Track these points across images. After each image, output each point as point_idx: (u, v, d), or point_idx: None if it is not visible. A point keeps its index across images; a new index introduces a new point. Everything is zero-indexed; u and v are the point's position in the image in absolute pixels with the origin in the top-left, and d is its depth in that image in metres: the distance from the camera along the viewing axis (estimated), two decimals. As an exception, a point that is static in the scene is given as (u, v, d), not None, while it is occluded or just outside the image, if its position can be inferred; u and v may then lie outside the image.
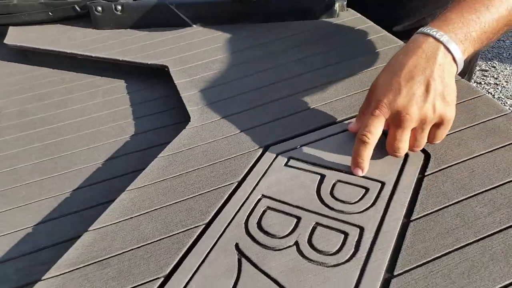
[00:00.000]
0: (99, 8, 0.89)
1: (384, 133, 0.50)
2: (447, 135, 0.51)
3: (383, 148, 0.51)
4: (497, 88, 2.38)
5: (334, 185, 0.48)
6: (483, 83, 2.44)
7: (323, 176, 0.50)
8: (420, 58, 0.48)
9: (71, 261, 0.44)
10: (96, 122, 0.72)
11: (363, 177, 0.49)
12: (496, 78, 2.55)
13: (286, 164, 0.52)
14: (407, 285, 0.37)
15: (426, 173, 0.48)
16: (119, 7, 0.88)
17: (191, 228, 0.45)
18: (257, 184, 0.50)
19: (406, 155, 0.51)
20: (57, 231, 0.54)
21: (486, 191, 0.45)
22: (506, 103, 2.23)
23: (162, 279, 0.41)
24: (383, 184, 0.48)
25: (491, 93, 2.33)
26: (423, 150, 0.51)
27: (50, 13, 0.95)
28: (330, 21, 0.83)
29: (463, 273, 0.38)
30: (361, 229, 0.43)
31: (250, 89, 0.68)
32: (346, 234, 0.43)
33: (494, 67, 2.61)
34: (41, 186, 0.60)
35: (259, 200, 0.48)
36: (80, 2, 0.93)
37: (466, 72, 0.92)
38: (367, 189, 0.47)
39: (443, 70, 0.48)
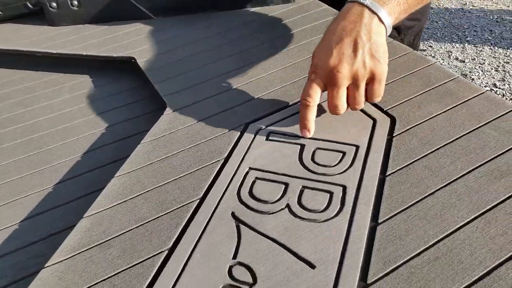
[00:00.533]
0: (54, 4, 0.88)
1: None
2: (408, 100, 0.57)
3: (354, 116, 0.56)
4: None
5: (314, 152, 0.52)
6: (422, 60, 2.57)
7: (302, 146, 0.54)
8: (347, 21, 0.53)
9: (72, 247, 0.45)
10: (66, 118, 0.72)
11: (339, 142, 0.53)
12: (433, 57, 2.71)
13: (267, 139, 0.56)
14: (390, 229, 0.42)
15: (394, 134, 0.53)
16: (75, 2, 0.87)
17: (186, 204, 0.48)
18: (243, 159, 0.53)
19: (374, 121, 0.56)
20: (45, 224, 0.54)
21: (447, 144, 0.51)
22: (444, 77, 2.37)
23: (167, 252, 0.43)
24: (357, 147, 0.52)
25: (430, 70, 2.47)
26: (389, 115, 0.56)
27: (0, 12, 0.92)
28: (288, 6, 0.87)
29: (436, 213, 0.43)
30: (344, 188, 0.47)
31: (219, 74, 0.70)
32: (331, 193, 0.47)
33: (431, 46, 2.78)
34: (21, 183, 0.60)
35: (247, 172, 0.51)
36: (32, -1, 0.91)
37: (412, 46, 0.99)
38: (344, 153, 0.52)
39: (369, 30, 0.52)
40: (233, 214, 0.46)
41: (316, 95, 0.53)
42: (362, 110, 0.57)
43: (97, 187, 0.58)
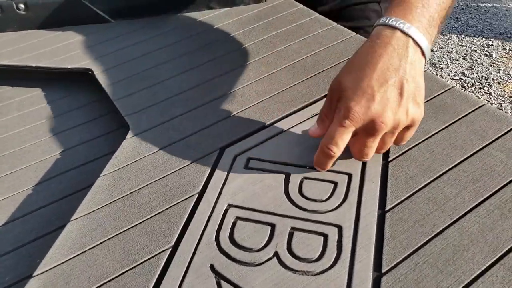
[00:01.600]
0: (-3, 8, 0.78)
1: None
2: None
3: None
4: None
5: (301, 183, 0.46)
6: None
7: (287, 175, 0.47)
8: (391, 57, 0.43)
9: (21, 316, 0.37)
10: (15, 140, 0.63)
11: (328, 170, 0.47)
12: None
13: (246, 167, 0.49)
14: (397, 281, 0.36)
15: (389, 159, 0.48)
16: (22, 6, 0.77)
17: (156, 254, 0.41)
18: (220, 193, 0.46)
19: (366, 142, 0.50)
20: None
21: (449, 170, 0.46)
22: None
23: (135, 319, 0.36)
24: (350, 175, 0.46)
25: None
26: (382, 135, 0.50)
27: None
28: (259, 6, 0.80)
29: (448, 259, 0.38)
30: (339, 228, 0.41)
31: (189, 87, 0.63)
32: (325, 236, 0.41)
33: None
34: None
35: (226, 210, 0.44)
36: (-28, 2, 0.80)
37: None
38: (335, 183, 0.46)
39: (415, 68, 0.44)
40: (212, 267, 0.39)
41: (344, 145, 0.44)
42: (352, 130, 0.51)
43: (53, 227, 0.50)
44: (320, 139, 0.46)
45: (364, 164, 0.47)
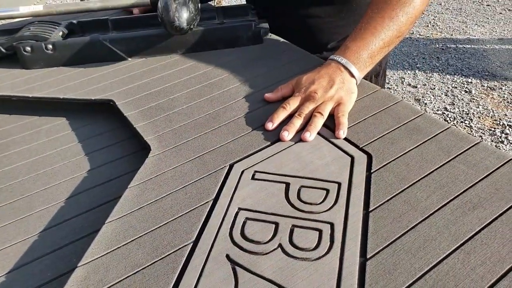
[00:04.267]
0: (28, 48, 0.88)
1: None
2: (381, 136, 0.61)
3: (333, 154, 0.59)
4: (390, 91, 2.67)
5: (299, 190, 0.55)
6: (379, 88, 2.70)
7: (287, 184, 0.56)
8: (328, 70, 0.71)
9: (70, 298, 0.45)
10: (46, 162, 0.72)
11: (321, 180, 0.56)
12: (388, 83, 2.85)
13: (252, 178, 0.58)
14: (379, 264, 0.45)
15: (372, 171, 0.57)
16: (50, 46, 0.88)
17: (180, 248, 0.49)
18: (231, 199, 0.55)
19: (352, 158, 0.59)
20: (33, 275, 0.54)
21: (421, 179, 0.55)
22: (401, 104, 2.49)
23: (166, 297, 0.44)
24: (339, 184, 0.56)
25: (387, 97, 2.59)
26: (365, 152, 0.60)
27: (-29, 56, 0.91)
28: (257, 47, 0.91)
29: (419, 247, 0.47)
30: (331, 225, 0.50)
31: (200, 115, 0.72)
32: (320, 231, 0.49)
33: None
34: (5, 232, 0.59)
35: (237, 213, 0.53)
36: (5, 43, 0.90)
37: (379, 72, 1.07)
38: (327, 190, 0.55)
39: (343, 78, 0.70)
40: (228, 257, 0.48)
41: (294, 105, 0.69)
42: (340, 148, 0.61)
43: (85, 233, 0.58)
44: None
45: (350, 175, 0.57)
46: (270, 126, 0.66)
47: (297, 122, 0.66)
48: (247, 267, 0.46)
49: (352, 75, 0.71)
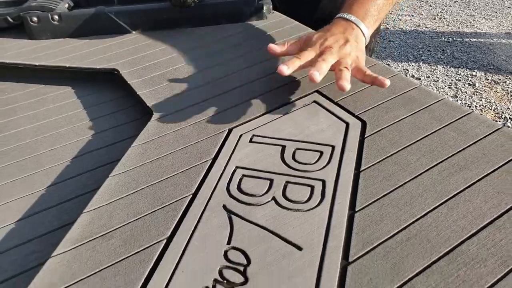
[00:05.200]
0: (35, 19, 0.90)
1: None
2: (376, 105, 0.64)
3: (329, 120, 0.62)
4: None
5: (294, 152, 0.58)
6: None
7: (283, 147, 0.59)
8: (339, 28, 0.71)
9: (75, 239, 0.48)
10: (53, 126, 0.74)
11: (316, 143, 0.59)
12: (391, 74, 2.86)
13: (250, 141, 0.60)
14: (367, 216, 0.48)
15: (365, 136, 0.59)
16: (56, 17, 0.90)
17: (180, 199, 0.52)
18: (229, 159, 0.57)
19: (347, 124, 0.62)
20: (40, 224, 0.56)
21: (413, 143, 0.57)
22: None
23: (165, 240, 0.47)
24: (333, 147, 0.58)
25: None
26: (360, 119, 0.62)
27: (-21, 26, 0.94)
28: (260, 22, 0.93)
29: (406, 202, 0.49)
30: (323, 182, 0.53)
31: (202, 83, 0.75)
32: (312, 187, 0.52)
33: (389, 64, 2.93)
34: (13, 187, 0.62)
35: (234, 170, 0.55)
36: (12, 13, 0.93)
37: (369, 48, 1.09)
38: (321, 152, 0.57)
39: (356, 35, 0.70)
40: (224, 207, 0.50)
41: (309, 57, 0.67)
42: (336, 115, 0.63)
43: (89, 189, 0.60)
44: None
45: (344, 139, 0.59)
46: (285, 69, 0.64)
47: (324, 66, 0.64)
48: (242, 215, 0.49)
49: (363, 33, 0.71)
